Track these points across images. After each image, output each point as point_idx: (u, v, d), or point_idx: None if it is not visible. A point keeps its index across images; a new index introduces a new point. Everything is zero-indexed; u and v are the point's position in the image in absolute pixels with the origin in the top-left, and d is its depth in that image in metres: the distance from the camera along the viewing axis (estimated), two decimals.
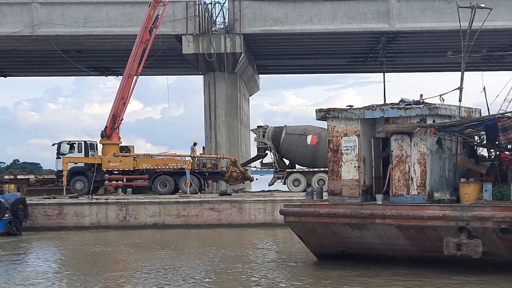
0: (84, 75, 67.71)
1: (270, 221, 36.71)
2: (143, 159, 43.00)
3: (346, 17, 49.58)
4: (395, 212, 21.16)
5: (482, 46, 29.97)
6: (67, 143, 44.48)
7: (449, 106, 22.86)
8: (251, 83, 63.28)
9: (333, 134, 23.30)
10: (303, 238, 24.08)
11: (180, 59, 52.79)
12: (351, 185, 22.87)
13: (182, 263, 24.09)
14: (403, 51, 56.41)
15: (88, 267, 23.76)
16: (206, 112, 52.56)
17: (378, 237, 21.80)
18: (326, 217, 22.52)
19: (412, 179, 21.76)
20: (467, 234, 19.85)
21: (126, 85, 43.49)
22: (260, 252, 27.74)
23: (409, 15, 49.32)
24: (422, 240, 20.93)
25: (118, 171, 42.32)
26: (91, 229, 36.98)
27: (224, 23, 49.93)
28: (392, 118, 22.69)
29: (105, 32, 49.77)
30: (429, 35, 50.69)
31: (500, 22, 45.57)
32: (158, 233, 35.12)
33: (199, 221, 37.26)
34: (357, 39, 52.81)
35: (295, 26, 49.61)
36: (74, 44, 52.29)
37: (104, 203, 38.11)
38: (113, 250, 29.60)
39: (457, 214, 20.12)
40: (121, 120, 43.84)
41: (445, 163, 22.30)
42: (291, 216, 23.65)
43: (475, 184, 21.17)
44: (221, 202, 37.81)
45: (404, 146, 21.94)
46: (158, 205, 37.86)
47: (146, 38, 43.62)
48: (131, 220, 37.56)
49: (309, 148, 42.55)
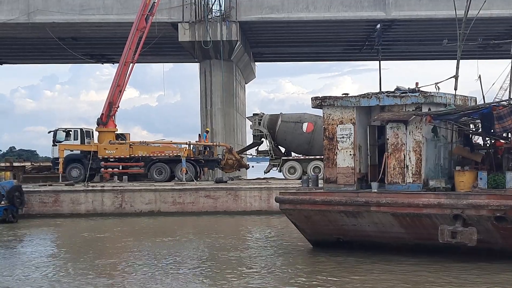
0: (80, 62, 67.69)
1: (266, 208, 36.80)
2: (139, 146, 43.00)
3: (342, 5, 49.59)
4: (390, 200, 21.23)
5: (478, 34, 29.99)
6: (63, 131, 44.46)
7: (445, 95, 22.91)
8: (247, 71, 63.27)
9: (328, 122, 23.34)
10: (298, 226, 24.17)
11: (176, 46, 52.76)
12: (346, 173, 22.92)
13: (177, 250, 24.15)
14: (399, 39, 56.43)
15: (83, 254, 23.81)
16: (202, 99, 52.60)
17: (373, 224, 21.89)
18: (322, 205, 22.59)
19: (408, 167, 21.82)
20: (462, 222, 19.94)
21: (122, 73, 43.44)
22: (255, 240, 27.83)
23: (405, 3, 49.33)
24: (417, 228, 21.01)
25: (114, 159, 42.37)
26: (87, 216, 37.04)
27: (220, 10, 49.91)
28: (388, 106, 22.73)
29: (101, 19, 49.72)
30: (425, 23, 50.72)
31: (496, 10, 45.59)
32: (154, 220, 35.21)
33: (195, 209, 37.34)
34: (353, 27, 52.80)
35: (291, 14, 49.60)
36: (70, 32, 52.22)
37: (100, 191, 38.16)
38: (108, 237, 29.65)
39: (452, 202, 20.20)
40: (117, 107, 43.84)
41: (441, 151, 22.37)
42: (287, 204, 23.72)
43: (470, 172, 21.23)
44: (217, 190, 37.89)
45: (400, 134, 21.99)
46: (153, 192, 37.92)
47: (142, 25, 43.55)
48: (127, 207, 37.63)
49: (305, 136, 42.57)
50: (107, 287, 18.22)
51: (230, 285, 17.99)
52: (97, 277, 19.50)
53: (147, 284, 18.31)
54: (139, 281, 18.77)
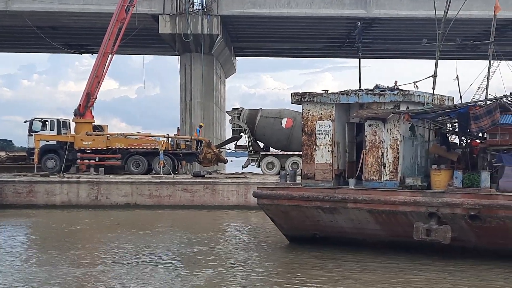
0: (59, 52, 67.16)
1: (243, 203, 36.80)
2: (116, 138, 42.77)
3: (324, 2, 49.67)
4: (367, 197, 21.34)
5: (457, 35, 30.13)
6: (40, 121, 44.00)
7: (423, 93, 23.05)
8: (228, 65, 63.18)
9: (307, 118, 23.39)
10: (275, 221, 24.21)
11: (156, 39, 52.57)
12: (324, 169, 22.99)
13: (152, 244, 24.07)
14: (379, 38, 56.62)
15: (56, 245, 23.68)
16: (182, 93, 52.44)
17: (350, 221, 21.98)
18: (299, 200, 22.66)
19: (385, 164, 21.93)
20: (437, 220, 20.10)
21: (101, 64, 43.18)
22: (232, 234, 27.84)
23: (386, 2, 49.55)
24: (393, 225, 21.15)
25: (90, 150, 42.06)
26: (61, 208, 36.80)
27: (201, 4, 49.83)
28: (367, 103, 22.82)
29: (81, 9, 49.40)
30: (405, 22, 50.97)
31: (475, 11, 45.85)
32: (130, 213, 35.08)
33: (172, 202, 37.25)
34: (334, 24, 52.92)
35: (273, 10, 49.59)
36: (49, 21, 51.84)
37: (76, 182, 37.93)
38: (82, 229, 29.48)
39: (428, 200, 20.36)
40: (95, 98, 43.57)
41: (418, 150, 22.52)
42: (264, 199, 23.76)
43: (446, 171, 21.40)
44: (194, 184, 37.82)
45: (378, 131, 22.09)
46: (130, 185, 37.77)
47: (122, 16, 43.30)
48: (103, 199, 37.46)
49: (283, 131, 42.59)
50: (78, 278, 18.13)
51: (204, 280, 17.96)
52: (69, 268, 19.40)
53: (119, 276, 18.25)
54: (112, 273, 18.71)
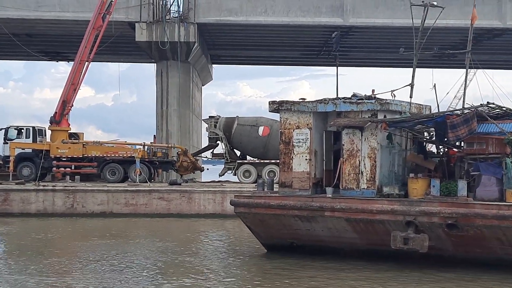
0: (34, 59, 66.71)
1: (220, 212, 36.63)
2: (92, 146, 42.54)
3: (301, 10, 49.73)
4: (344, 206, 21.33)
5: (434, 43, 30.35)
6: (15, 128, 43.72)
7: (400, 102, 23.12)
8: (204, 73, 63.08)
9: (285, 126, 23.36)
10: (253, 229, 24.12)
11: (133, 46, 52.36)
12: (302, 178, 22.96)
13: (127, 253, 23.86)
14: (356, 46, 56.82)
15: (29, 254, 23.43)
16: (158, 100, 52.24)
17: (327, 229, 21.95)
18: (276, 209, 22.60)
19: (362, 173, 21.93)
20: (414, 228, 20.13)
21: (77, 71, 42.96)
22: (208, 243, 27.70)
23: (363, 10, 49.67)
24: (370, 234, 21.14)
25: (66, 158, 41.82)
26: (37, 216, 36.43)
27: (178, 11, 49.64)
28: (344, 112, 22.84)
29: (57, 16, 49.04)
30: (382, 30, 51.17)
31: (452, 20, 46.09)
32: (106, 221, 34.81)
33: (148, 210, 37.01)
34: (311, 32, 53.03)
35: (250, 17, 49.58)
36: (25, 28, 51.50)
37: (51, 190, 37.59)
38: (58, 237, 29.22)
39: (405, 209, 20.38)
40: (71, 106, 43.33)
41: (395, 158, 22.53)
42: (242, 207, 23.67)
43: (423, 180, 21.43)
44: (171, 192, 37.61)
45: (355, 140, 22.09)
46: (106, 193, 37.48)
47: (99, 24, 43.12)
48: (79, 208, 37.12)
49: (260, 140, 42.59)
50: (51, 286, 17.92)
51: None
52: (41, 276, 19.20)
53: (92, 285, 18.07)
54: (85, 281, 18.53)
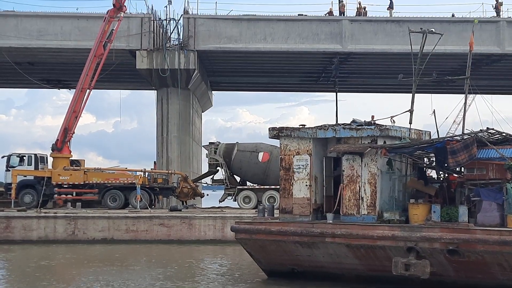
0: (36, 87, 66.99)
1: (220, 237, 36.61)
2: (93, 173, 42.66)
3: (300, 37, 50.03)
4: (345, 231, 21.38)
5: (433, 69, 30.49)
6: (17, 156, 43.96)
7: (400, 128, 23.28)
8: (204, 99, 63.32)
9: (285, 152, 23.50)
10: (253, 256, 24.15)
11: (133, 73, 52.63)
12: (302, 204, 23.06)
13: (127, 279, 23.87)
14: (355, 72, 57.08)
15: (30, 282, 23.44)
16: (158, 127, 52.41)
17: (328, 255, 21.98)
18: (277, 235, 22.65)
19: (363, 199, 22.02)
20: (416, 254, 20.16)
21: (78, 99, 43.20)
22: (209, 269, 27.69)
23: (361, 37, 49.97)
24: (372, 260, 21.17)
25: (68, 185, 41.92)
26: (38, 243, 36.41)
27: (178, 39, 49.97)
28: (344, 138, 22.99)
29: (59, 45, 49.39)
30: (381, 57, 51.44)
31: (450, 46, 46.42)
32: (107, 248, 34.80)
33: (149, 237, 36.99)
34: (310, 59, 53.29)
35: (249, 45, 49.89)
36: (27, 57, 51.81)
37: (53, 217, 37.60)
38: (59, 264, 29.22)
39: (406, 235, 20.42)
40: (73, 133, 43.51)
41: (395, 184, 22.63)
42: (242, 233, 23.72)
43: (424, 205, 21.51)
44: (171, 218, 37.61)
45: (355, 166, 22.21)
46: (107, 219, 37.48)
47: (100, 52, 43.43)
48: (80, 234, 37.11)
49: (260, 165, 42.69)
50: None
51: None
52: None
53: None
54: None
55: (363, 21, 50.33)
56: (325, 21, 50.25)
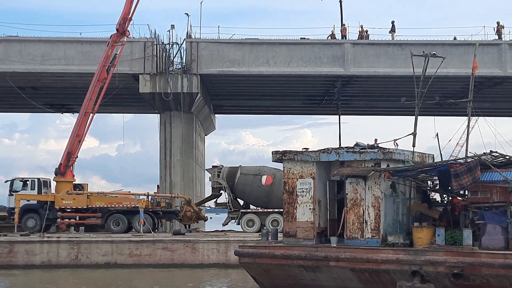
0: (40, 111, 67.16)
1: (224, 261, 36.50)
2: (96, 197, 42.62)
3: (302, 60, 50.14)
4: (349, 255, 21.33)
5: (435, 92, 30.58)
6: (20, 180, 43.86)
7: (403, 151, 23.29)
8: (207, 123, 63.42)
9: (288, 176, 23.50)
10: (257, 279, 24.07)
11: (136, 97, 52.73)
12: (306, 227, 23.02)
13: None
14: (358, 95, 57.14)
15: None
16: (162, 150, 52.43)
17: (332, 279, 21.90)
18: (281, 259, 22.61)
19: (366, 222, 21.99)
20: (420, 278, 20.09)
21: (82, 123, 43.27)
22: None
23: (364, 60, 50.08)
24: (376, 284, 21.08)
25: (71, 209, 41.83)
26: (41, 268, 36.30)
27: (181, 63, 50.10)
28: (347, 161, 23.00)
29: (63, 70, 49.54)
30: (383, 80, 51.52)
31: (452, 69, 46.53)
32: (110, 272, 34.70)
33: (152, 261, 36.88)
34: (312, 82, 53.39)
35: (252, 68, 50.03)
36: (31, 81, 51.97)
37: (56, 241, 37.52)
38: None
39: (410, 258, 20.37)
40: (76, 157, 43.51)
41: (399, 207, 22.59)
42: (246, 257, 23.68)
43: (428, 229, 21.47)
44: (174, 242, 37.53)
45: (359, 189, 22.20)
46: (110, 244, 37.41)
47: (104, 76, 43.55)
48: (83, 259, 37.02)
49: (263, 189, 42.63)
50: None
51: None
52: None
53: None
54: None
55: (365, 44, 50.47)
56: (328, 45, 50.39)
